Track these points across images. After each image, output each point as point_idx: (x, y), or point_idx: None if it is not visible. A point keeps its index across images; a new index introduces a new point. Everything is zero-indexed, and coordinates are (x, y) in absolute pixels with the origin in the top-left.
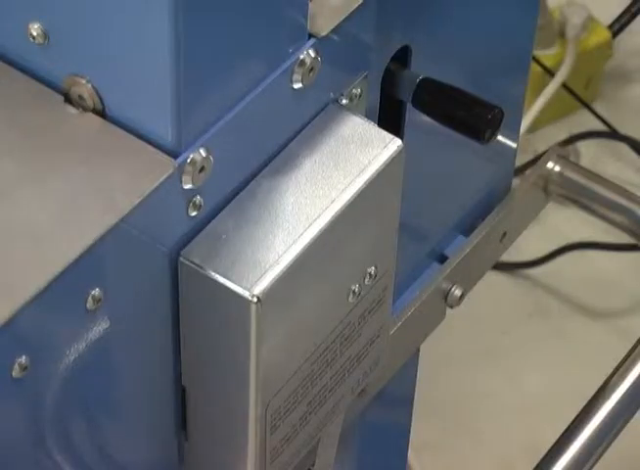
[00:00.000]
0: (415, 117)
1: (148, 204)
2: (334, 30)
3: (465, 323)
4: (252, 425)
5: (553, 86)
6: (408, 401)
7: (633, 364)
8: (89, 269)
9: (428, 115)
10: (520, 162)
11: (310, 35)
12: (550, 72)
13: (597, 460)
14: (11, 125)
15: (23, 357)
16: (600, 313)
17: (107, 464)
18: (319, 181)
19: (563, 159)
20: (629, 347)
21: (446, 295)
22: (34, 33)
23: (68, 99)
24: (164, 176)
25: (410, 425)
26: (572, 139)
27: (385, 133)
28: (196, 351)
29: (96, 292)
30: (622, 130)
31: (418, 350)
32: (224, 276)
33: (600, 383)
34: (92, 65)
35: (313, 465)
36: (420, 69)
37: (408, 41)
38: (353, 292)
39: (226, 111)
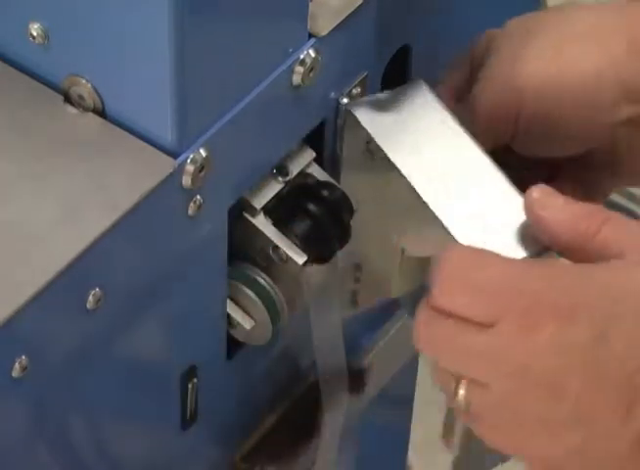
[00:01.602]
0: None
1: (148, 203)
2: (334, 30)
3: None
4: None
5: None
6: (408, 401)
7: None
8: (89, 269)
9: None
10: None
11: (310, 35)
12: None
13: None
14: (11, 125)
15: (23, 357)
16: None
17: (107, 463)
18: None
19: None
20: None
21: None
22: (34, 33)
23: (67, 99)
24: (164, 176)
25: (410, 425)
26: None
27: None
28: None
29: (96, 292)
30: None
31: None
32: None
33: None
34: (92, 65)
35: (313, 465)
36: (420, 69)
37: (408, 41)
38: None
39: (226, 110)
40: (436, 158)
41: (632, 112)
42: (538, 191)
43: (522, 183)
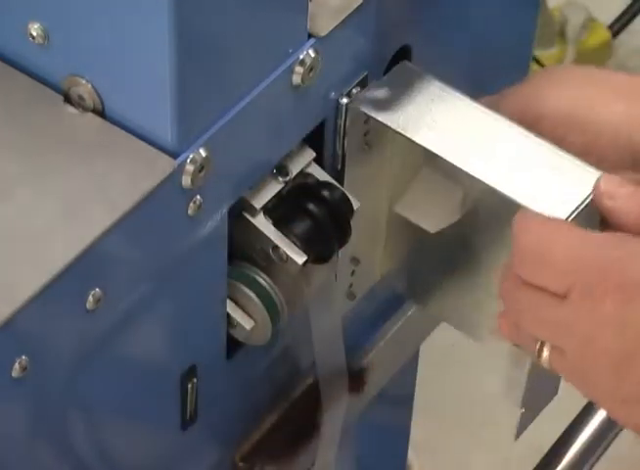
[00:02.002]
0: None
1: (147, 203)
2: (334, 30)
3: None
4: None
5: None
6: (408, 401)
7: None
8: (89, 269)
9: None
10: None
11: (310, 35)
12: None
13: (597, 460)
14: (11, 125)
15: (23, 357)
16: None
17: (107, 463)
18: None
19: None
20: None
21: None
22: (34, 33)
23: (67, 99)
24: (164, 176)
25: (410, 425)
26: None
27: None
28: None
29: (96, 292)
30: None
31: (418, 350)
32: None
33: None
34: (92, 65)
35: (313, 465)
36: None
37: (408, 41)
38: None
39: (226, 111)
40: (453, 126)
41: (635, 179)
42: (605, 181)
43: None
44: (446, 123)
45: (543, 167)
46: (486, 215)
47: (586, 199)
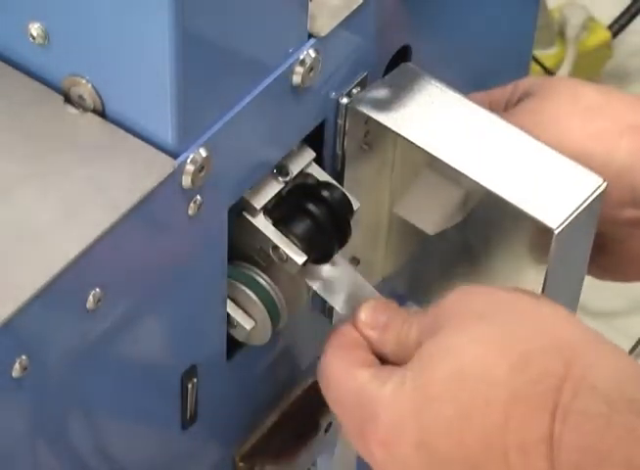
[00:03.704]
0: None
1: (147, 203)
2: (334, 30)
3: None
4: None
5: None
6: None
7: None
8: (89, 269)
9: None
10: None
11: (310, 35)
12: (550, 72)
13: None
14: (11, 126)
15: (23, 357)
16: (599, 313)
17: (107, 463)
18: None
19: None
20: (629, 347)
21: None
22: (34, 33)
23: (68, 99)
24: (164, 176)
25: None
26: None
27: None
28: None
29: (96, 292)
30: None
31: None
32: None
33: None
34: (92, 65)
35: (313, 465)
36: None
37: (408, 41)
38: None
39: (226, 111)
40: (453, 128)
41: (634, 214)
42: (365, 311)
43: None
44: (446, 125)
45: (543, 171)
46: (487, 218)
47: (584, 202)
